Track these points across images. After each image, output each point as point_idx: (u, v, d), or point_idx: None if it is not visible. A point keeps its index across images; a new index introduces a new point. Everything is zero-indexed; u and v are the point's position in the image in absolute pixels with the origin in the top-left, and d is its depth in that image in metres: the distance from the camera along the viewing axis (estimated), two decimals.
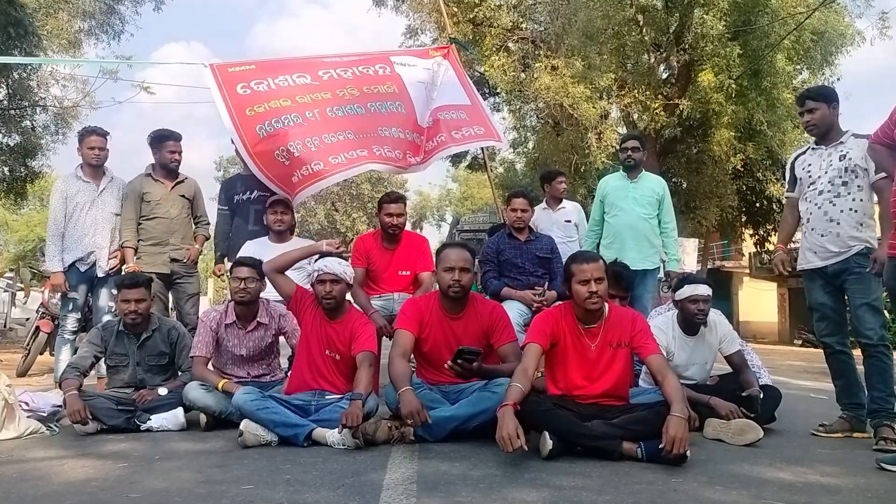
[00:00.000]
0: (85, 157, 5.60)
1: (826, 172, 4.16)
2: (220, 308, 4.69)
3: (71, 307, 5.62)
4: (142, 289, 4.53)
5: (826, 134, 4.22)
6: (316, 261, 4.22)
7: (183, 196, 5.72)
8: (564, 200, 6.81)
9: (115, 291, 5.64)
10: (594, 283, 3.55)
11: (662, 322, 4.61)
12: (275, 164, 5.46)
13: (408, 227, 5.79)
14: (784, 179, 5.14)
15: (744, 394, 4.23)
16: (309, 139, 5.55)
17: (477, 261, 5.18)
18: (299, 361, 4.22)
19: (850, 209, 4.06)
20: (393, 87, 6.26)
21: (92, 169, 5.61)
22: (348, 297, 4.44)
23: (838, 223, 4.07)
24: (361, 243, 5.51)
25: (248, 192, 5.72)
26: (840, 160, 4.11)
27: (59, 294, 5.81)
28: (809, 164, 4.29)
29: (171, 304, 5.97)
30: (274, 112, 5.65)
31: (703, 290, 4.39)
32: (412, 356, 4.27)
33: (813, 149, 4.33)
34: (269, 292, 4.73)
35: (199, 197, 5.93)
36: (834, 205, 4.10)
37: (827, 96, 4.23)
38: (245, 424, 3.68)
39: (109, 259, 5.59)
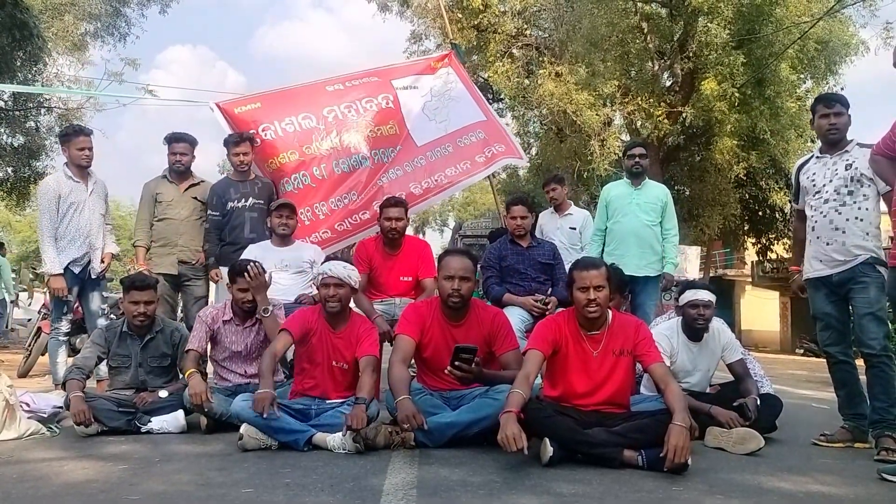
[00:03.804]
0: (74, 158, 5.42)
1: (831, 181, 4.15)
2: (218, 305, 4.70)
3: (65, 309, 5.57)
4: (151, 291, 4.54)
5: (839, 141, 4.20)
6: (322, 264, 4.23)
7: (196, 199, 5.72)
8: (573, 207, 6.81)
9: (106, 294, 5.64)
10: (593, 290, 3.55)
11: (667, 327, 4.62)
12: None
13: (410, 232, 5.82)
14: (789, 189, 5.10)
15: (735, 403, 4.23)
16: (318, 205, 6.13)
17: (479, 266, 5.17)
18: (303, 375, 4.17)
19: (857, 218, 4.05)
20: (395, 127, 6.53)
21: (79, 169, 5.48)
22: (352, 305, 4.44)
23: (844, 232, 4.06)
24: (363, 248, 5.50)
25: (243, 200, 5.66)
26: (846, 169, 4.10)
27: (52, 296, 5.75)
28: (814, 173, 4.27)
29: (179, 307, 5.97)
30: (284, 170, 6.13)
31: (704, 295, 4.39)
32: (412, 362, 4.26)
33: (817, 157, 4.31)
34: (284, 297, 4.74)
35: None
36: (839, 213, 4.09)
37: (848, 105, 4.23)
38: (245, 428, 3.67)
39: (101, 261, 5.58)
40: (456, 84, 6.91)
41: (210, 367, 5.03)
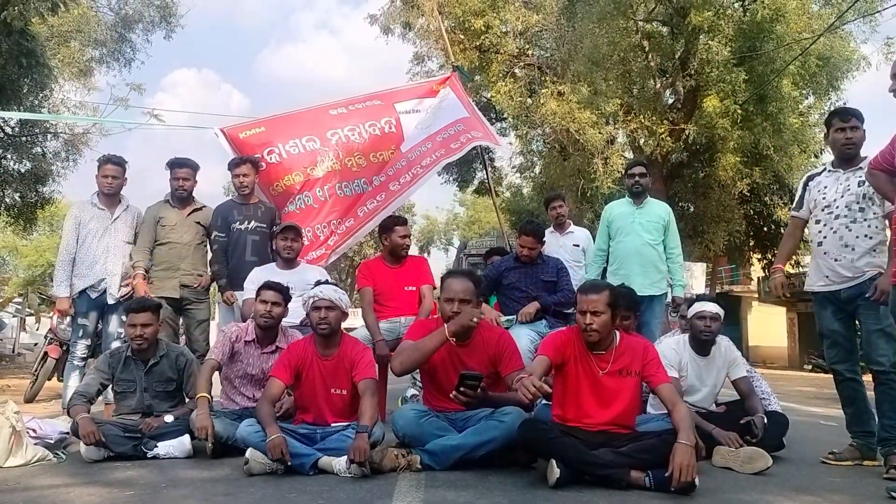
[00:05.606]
0: (99, 185, 5.66)
1: (843, 197, 4.13)
2: (242, 325, 4.70)
3: (81, 334, 5.63)
4: (149, 313, 4.52)
5: (855, 157, 4.18)
6: (312, 288, 4.22)
7: (198, 223, 5.76)
8: (573, 225, 6.84)
9: (125, 318, 5.68)
10: (590, 315, 3.55)
11: (674, 342, 4.66)
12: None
13: (414, 251, 5.97)
14: (792, 201, 5.07)
15: (742, 421, 4.21)
16: (319, 226, 6.20)
17: None
18: (304, 406, 4.16)
19: (866, 235, 4.04)
20: (395, 151, 6.60)
21: (107, 197, 5.67)
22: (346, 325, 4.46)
23: (853, 249, 4.05)
24: (366, 267, 5.83)
25: (245, 223, 5.70)
26: (859, 186, 4.08)
27: (70, 320, 5.82)
28: (825, 187, 4.24)
29: (181, 331, 5.98)
30: (289, 192, 6.20)
31: (711, 307, 4.45)
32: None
33: (829, 171, 4.29)
34: (288, 320, 4.75)
35: None
36: (850, 230, 4.07)
37: (863, 119, 4.19)
38: (251, 452, 3.67)
39: (121, 287, 5.62)
40: (448, 95, 7.00)
41: (217, 388, 5.03)
